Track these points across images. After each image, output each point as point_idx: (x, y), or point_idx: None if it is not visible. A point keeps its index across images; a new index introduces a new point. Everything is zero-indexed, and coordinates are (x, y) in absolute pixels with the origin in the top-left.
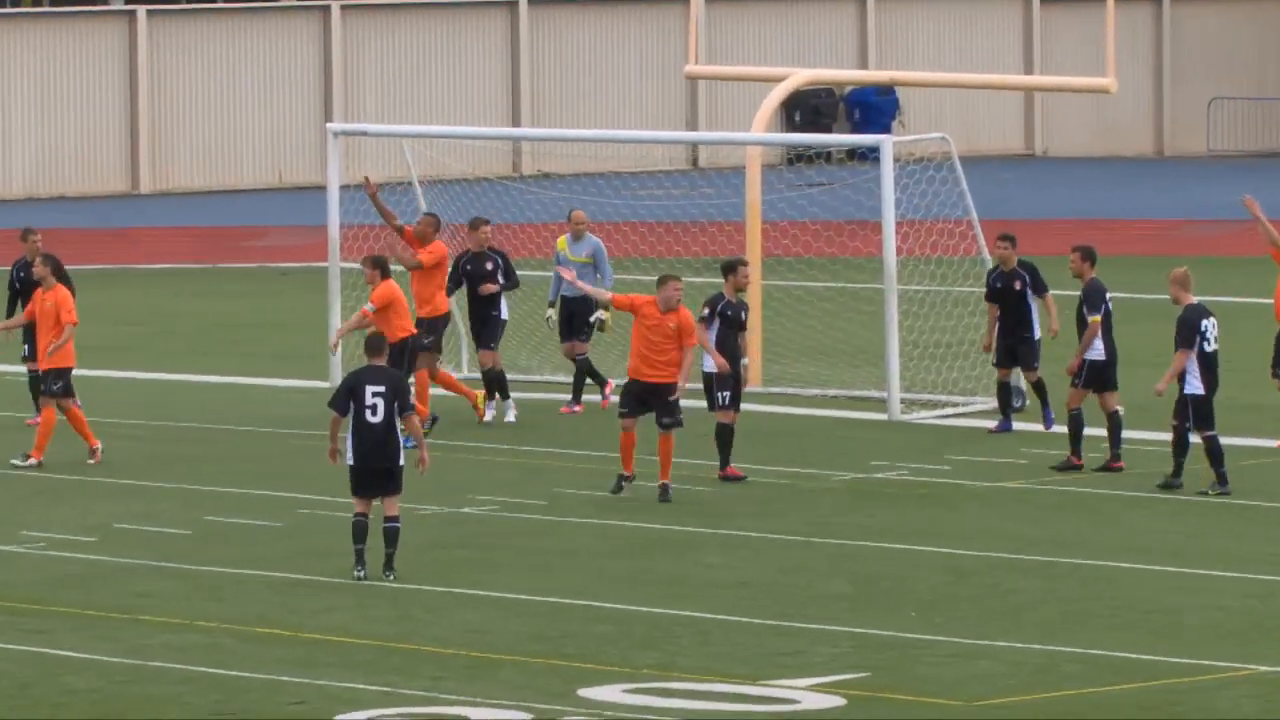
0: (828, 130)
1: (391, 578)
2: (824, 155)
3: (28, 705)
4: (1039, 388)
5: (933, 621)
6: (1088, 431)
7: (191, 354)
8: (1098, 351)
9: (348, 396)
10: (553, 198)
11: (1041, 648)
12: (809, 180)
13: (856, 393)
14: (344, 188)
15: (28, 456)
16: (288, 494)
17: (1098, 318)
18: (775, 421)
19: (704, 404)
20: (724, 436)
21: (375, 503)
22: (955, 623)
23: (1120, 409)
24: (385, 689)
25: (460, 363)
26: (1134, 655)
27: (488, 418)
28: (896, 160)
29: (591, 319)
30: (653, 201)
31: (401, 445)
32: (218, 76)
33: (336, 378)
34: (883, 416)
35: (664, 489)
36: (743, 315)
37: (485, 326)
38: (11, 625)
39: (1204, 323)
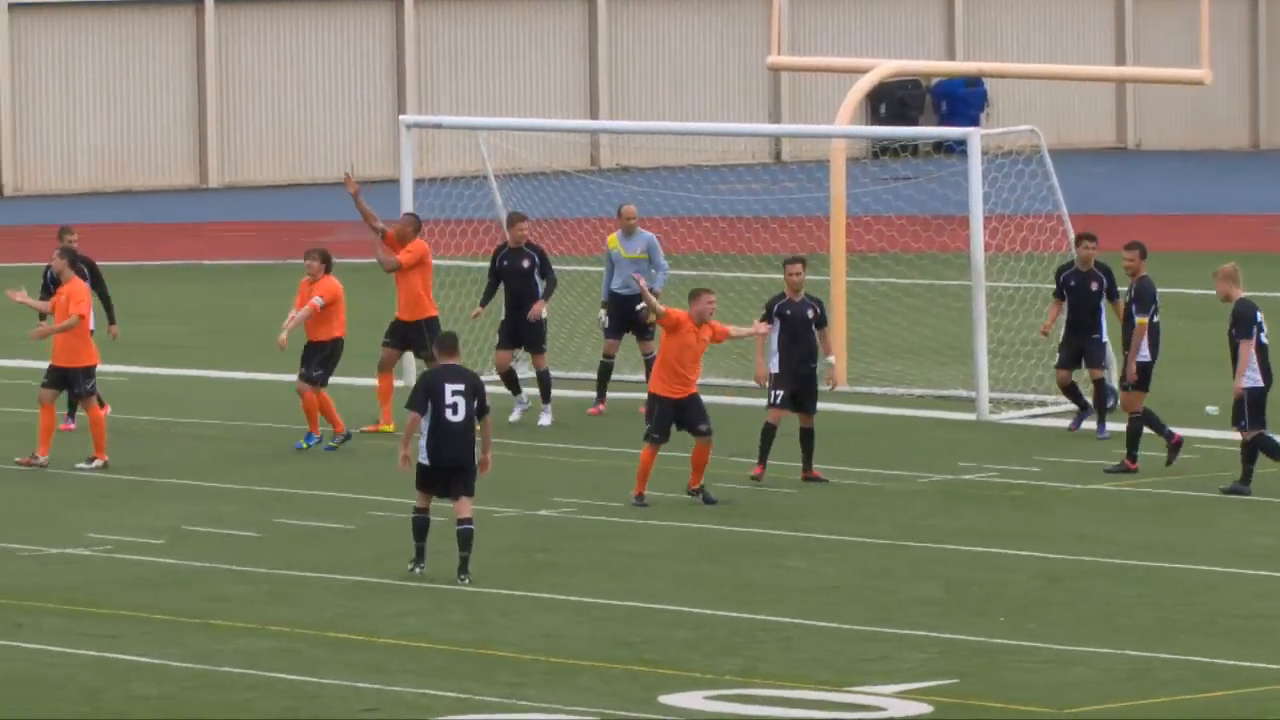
0: (914, 123)
1: (466, 581)
2: (910, 148)
3: (95, 711)
4: (1101, 387)
5: (1023, 627)
6: (1043, 421)
7: (258, 352)
8: (1144, 354)
9: (426, 396)
10: (631, 192)
11: (1134, 654)
12: (894, 174)
13: (944, 392)
14: (418, 182)
15: (92, 459)
16: (359, 496)
17: (1145, 319)
18: (861, 421)
19: (767, 402)
20: (766, 434)
21: (434, 500)
22: (1046, 628)
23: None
24: (461, 695)
25: (481, 363)
26: (1228, 661)
27: (513, 417)
28: (984, 153)
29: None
30: (734, 196)
31: (476, 445)
32: (287, 68)
33: (411, 378)
34: (971, 416)
35: (705, 493)
36: (808, 313)
37: (529, 329)
38: (78, 630)
39: (1258, 315)
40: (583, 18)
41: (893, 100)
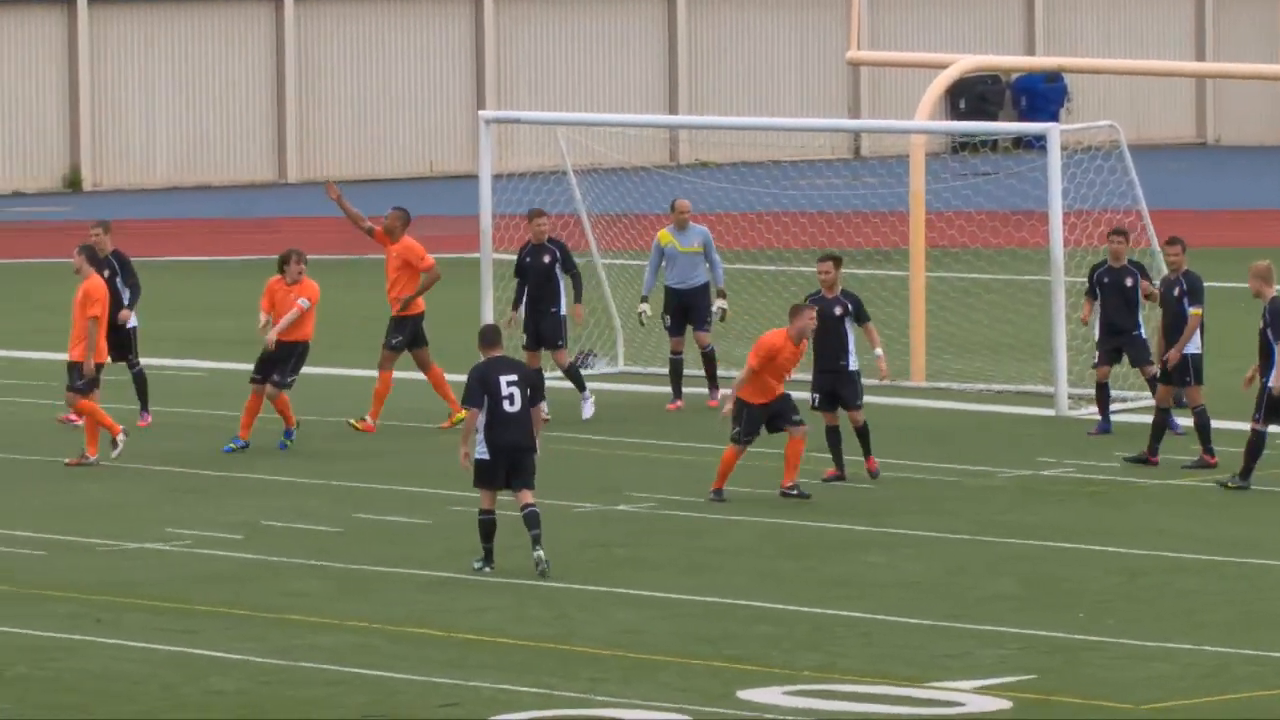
0: (993, 118)
1: (542, 554)
2: (989, 143)
3: (173, 707)
4: (1155, 384)
5: (1103, 623)
6: (1124, 417)
7: (337, 347)
8: (1196, 345)
9: (481, 389)
10: (710, 187)
11: (1214, 649)
12: (974, 169)
13: (1023, 388)
14: (496, 177)
15: (83, 455)
16: (438, 490)
17: (1199, 311)
18: (940, 417)
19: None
20: (829, 438)
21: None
22: (1126, 624)
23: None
24: (541, 691)
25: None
26: None
27: (586, 414)
28: (1064, 149)
29: (714, 309)
30: (813, 191)
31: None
32: (367, 63)
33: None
34: (1050, 412)
35: (798, 489)
36: (836, 310)
37: (548, 325)
38: (157, 625)
39: None
40: (662, 13)
41: (972, 95)
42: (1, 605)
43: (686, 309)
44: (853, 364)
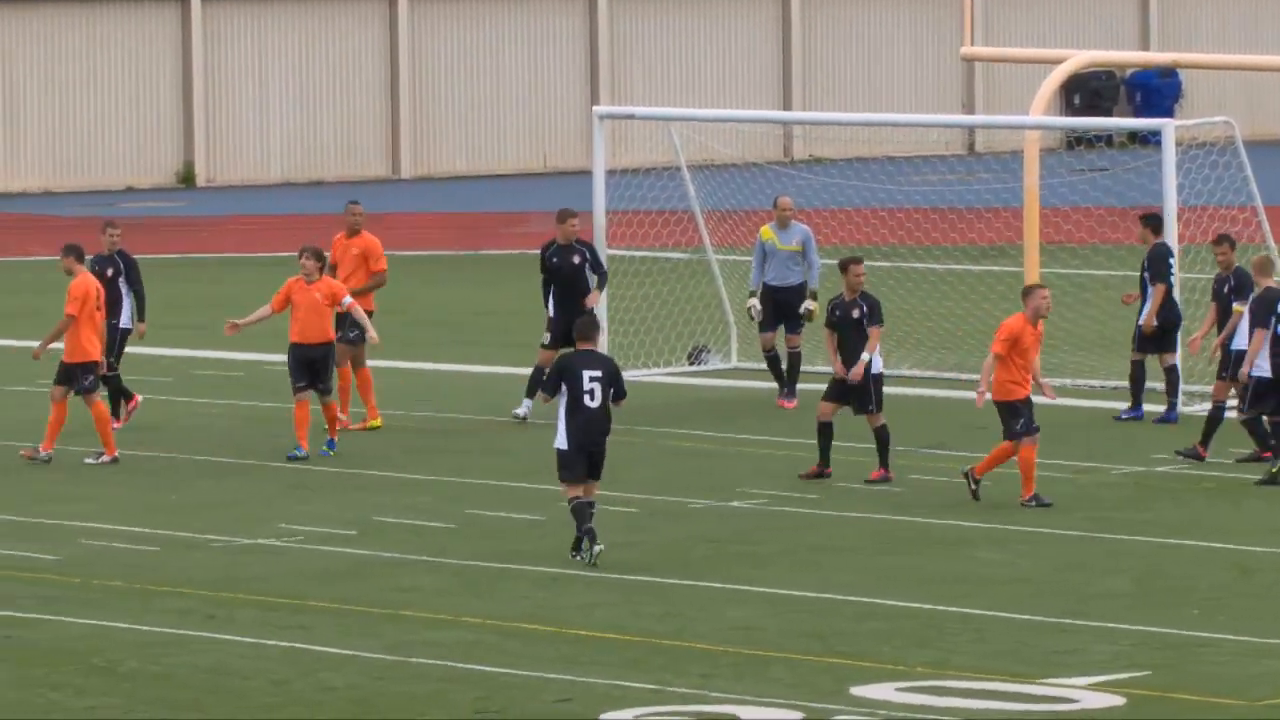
0: (1108, 113)
1: (589, 541)
2: (1104, 139)
3: (285, 702)
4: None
5: (1216, 619)
6: (1184, 409)
7: (451, 343)
8: (1242, 340)
9: (559, 380)
10: (824, 183)
11: None
12: (1089, 164)
13: (1188, 387)
14: (610, 173)
15: (100, 455)
16: (550, 487)
17: (1242, 307)
18: (1055, 413)
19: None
20: (823, 432)
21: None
22: (1240, 620)
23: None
24: (653, 687)
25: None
26: None
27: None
28: (1179, 144)
29: (802, 309)
30: (927, 187)
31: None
32: (480, 58)
33: None
34: (1164, 408)
35: (1038, 499)
36: (853, 313)
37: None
38: (269, 621)
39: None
40: (776, 8)
41: (1087, 91)
42: (114, 601)
43: (782, 307)
44: (875, 367)
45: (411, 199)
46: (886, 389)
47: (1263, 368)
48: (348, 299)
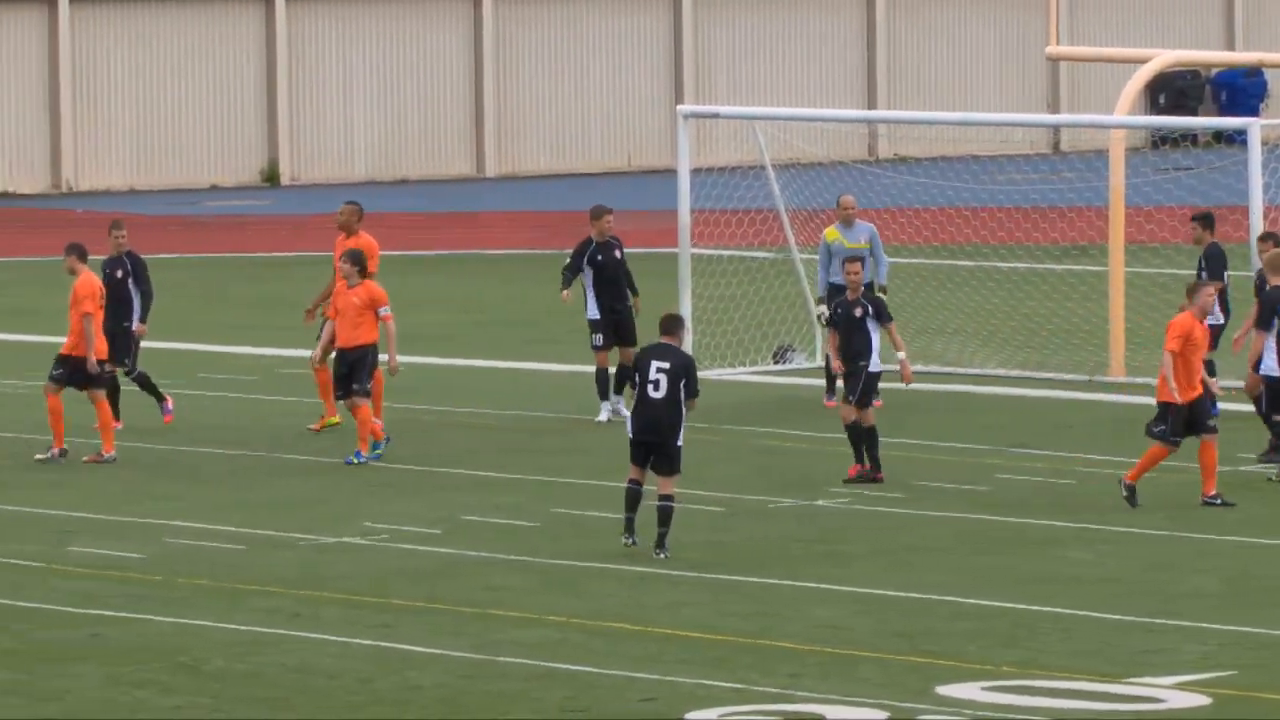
0: (1193, 113)
1: (663, 556)
2: (1189, 138)
3: (371, 701)
4: None
5: None
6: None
7: (537, 342)
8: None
9: (636, 372)
10: (908, 182)
11: None
12: (1174, 164)
13: (1224, 383)
14: (694, 172)
15: (100, 454)
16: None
17: None
18: (1141, 412)
19: (1050, 394)
20: (851, 433)
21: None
22: None
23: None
24: (738, 686)
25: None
26: None
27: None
28: (1264, 144)
29: (818, 313)
30: (1012, 186)
31: (682, 425)
32: (565, 57)
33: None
34: (1250, 408)
35: (1221, 498)
36: (855, 312)
37: (627, 324)
38: (355, 619)
39: None
40: (861, 7)
41: (1172, 90)
42: (200, 599)
43: None
44: (873, 365)
45: (496, 198)
46: (958, 386)
47: (1271, 366)
48: (386, 309)
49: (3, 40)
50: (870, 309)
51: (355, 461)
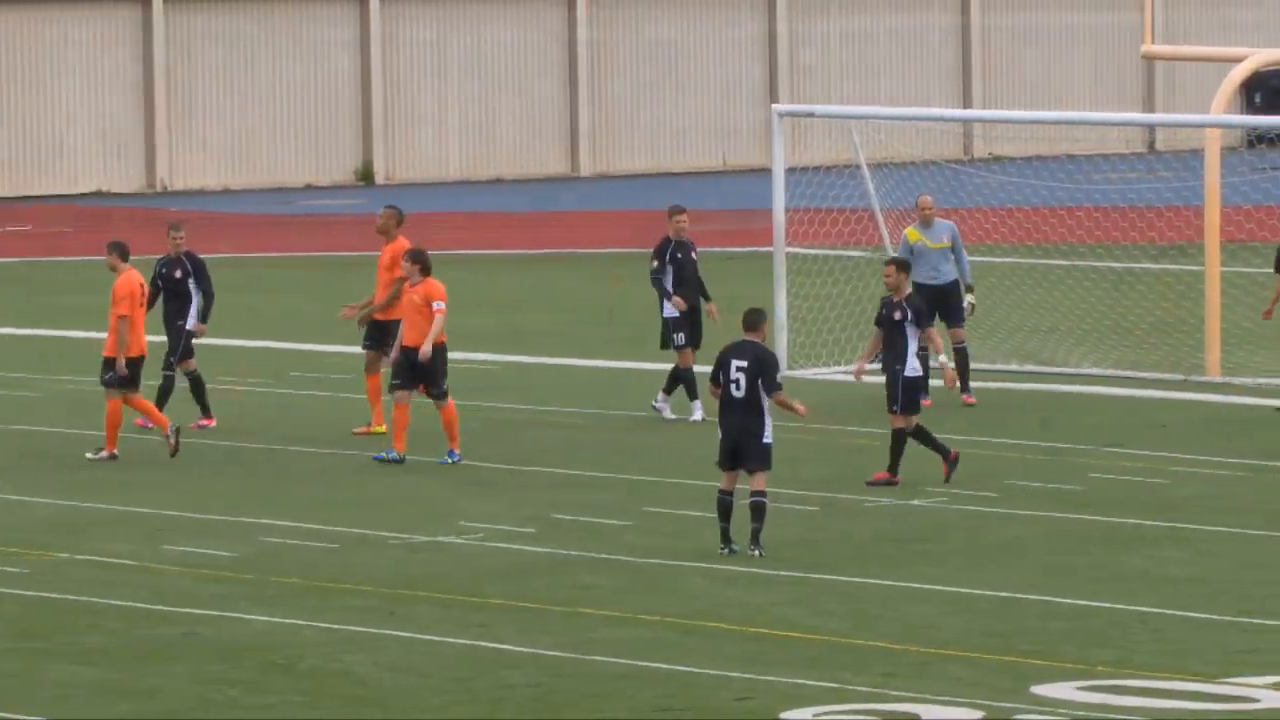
0: None
1: (758, 554)
2: None
3: (463, 700)
4: None
5: None
6: None
7: (630, 341)
8: None
9: (718, 370)
10: (1001, 182)
11: None
12: (1270, 163)
13: None
14: (789, 171)
15: (99, 450)
16: None
17: None
18: (1235, 412)
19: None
20: (897, 440)
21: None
22: None
23: None
24: (833, 685)
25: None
26: None
27: (666, 414)
28: None
29: (965, 304)
30: (1107, 185)
31: (767, 422)
32: (660, 57)
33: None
34: None
35: None
36: (895, 315)
37: (698, 326)
38: (448, 618)
39: None
40: (957, 6)
41: (1267, 89)
42: (293, 598)
43: (939, 305)
44: (909, 370)
45: (591, 197)
46: (1052, 386)
47: None
48: (439, 304)
49: (98, 39)
50: (909, 314)
51: (450, 461)
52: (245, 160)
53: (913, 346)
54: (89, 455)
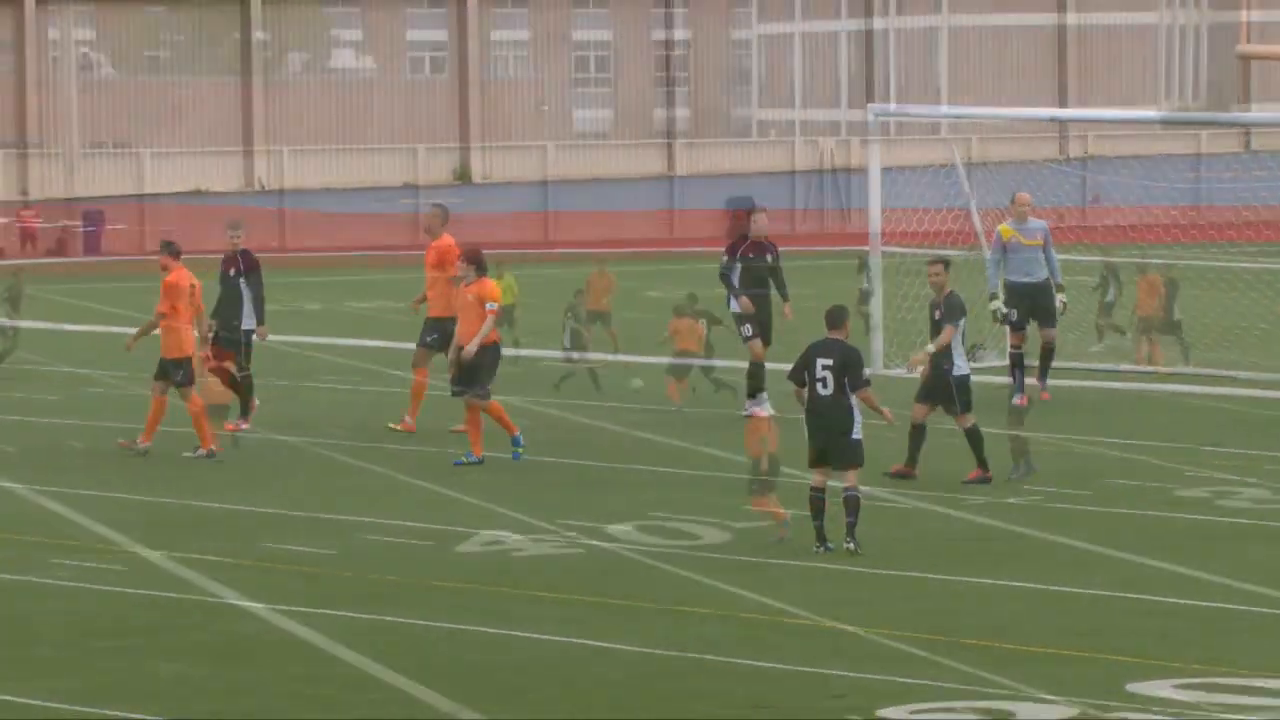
0: None
1: (852, 546)
2: None
3: (559, 696)
4: None
5: None
6: None
7: (718, 340)
8: None
9: (803, 369)
10: (1096, 180)
11: None
12: None
13: None
14: (885, 170)
15: (197, 448)
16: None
17: None
18: None
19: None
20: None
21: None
22: None
23: None
24: (927, 683)
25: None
26: None
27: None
28: None
29: (1057, 302)
30: (1203, 184)
31: (856, 419)
32: (756, 57)
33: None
34: None
35: None
36: (935, 314)
37: (766, 324)
38: (547, 615)
39: None
40: (1052, 7)
41: None
42: (391, 595)
43: (1031, 303)
44: (958, 369)
45: (687, 196)
46: (1146, 385)
47: None
48: (491, 305)
49: (200, 39)
50: (945, 310)
51: (466, 461)
52: (344, 159)
53: (959, 347)
54: (187, 454)
